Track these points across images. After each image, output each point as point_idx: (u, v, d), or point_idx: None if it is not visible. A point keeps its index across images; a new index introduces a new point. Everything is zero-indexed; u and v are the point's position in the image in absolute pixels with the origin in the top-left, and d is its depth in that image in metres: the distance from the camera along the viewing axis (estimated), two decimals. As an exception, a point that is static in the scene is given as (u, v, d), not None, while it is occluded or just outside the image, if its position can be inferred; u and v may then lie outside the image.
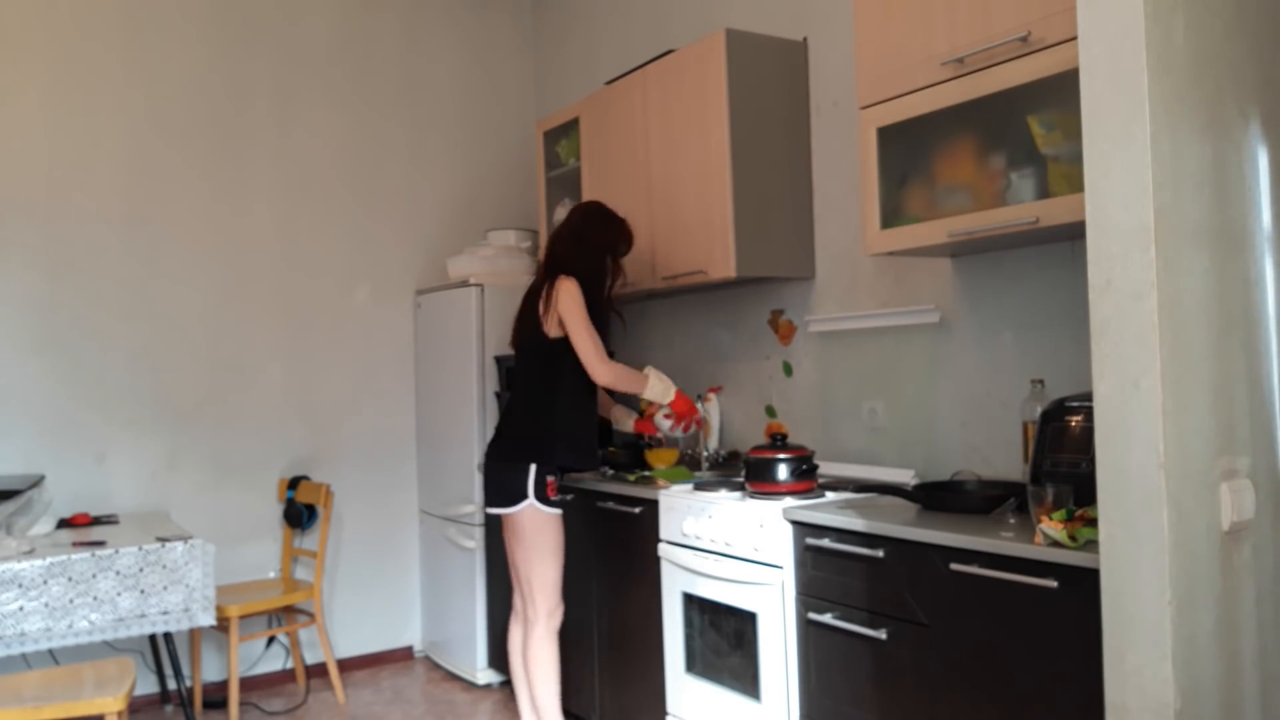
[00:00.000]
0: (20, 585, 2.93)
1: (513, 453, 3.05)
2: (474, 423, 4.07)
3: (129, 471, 4.00)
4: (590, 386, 3.13)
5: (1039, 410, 2.41)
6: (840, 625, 2.45)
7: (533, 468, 3.00)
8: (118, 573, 3.06)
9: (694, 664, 2.95)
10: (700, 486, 3.02)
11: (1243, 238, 1.80)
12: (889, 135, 2.63)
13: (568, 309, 3.01)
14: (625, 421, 3.42)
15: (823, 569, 2.51)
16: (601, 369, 3.04)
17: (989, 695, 2.10)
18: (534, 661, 3.11)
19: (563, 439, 3.07)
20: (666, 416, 3.28)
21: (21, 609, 2.93)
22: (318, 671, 4.33)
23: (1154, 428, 1.63)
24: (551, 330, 3.04)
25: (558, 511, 3.07)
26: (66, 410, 3.89)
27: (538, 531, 3.03)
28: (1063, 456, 2.28)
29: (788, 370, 3.49)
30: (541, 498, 3.02)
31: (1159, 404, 1.62)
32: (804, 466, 2.76)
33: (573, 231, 3.19)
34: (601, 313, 3.15)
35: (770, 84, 3.31)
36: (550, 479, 3.04)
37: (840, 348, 3.29)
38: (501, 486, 3.04)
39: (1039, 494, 2.07)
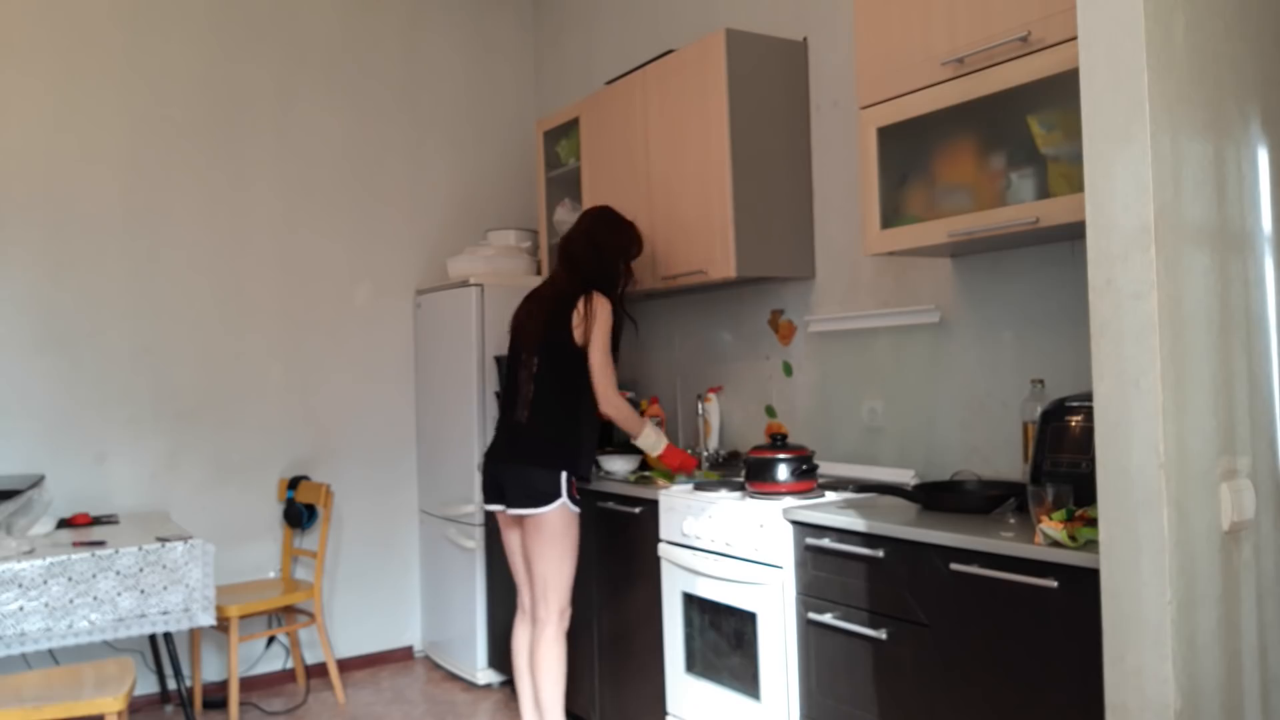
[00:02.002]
0: (20, 585, 2.93)
1: (543, 457, 3.06)
2: (474, 423, 4.07)
3: (129, 471, 4.00)
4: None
5: (1039, 410, 2.41)
6: (840, 625, 2.45)
7: (564, 473, 3.04)
8: (118, 573, 3.06)
9: (694, 664, 2.95)
10: (700, 486, 3.03)
11: (1243, 238, 1.81)
12: (889, 135, 2.63)
13: (599, 332, 3.06)
14: (657, 445, 3.27)
15: (823, 569, 2.51)
16: (612, 398, 3.11)
17: (989, 695, 2.10)
18: (543, 661, 3.12)
19: (587, 448, 3.14)
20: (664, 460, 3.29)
21: (21, 609, 2.93)
22: (318, 671, 4.32)
23: (1154, 428, 1.63)
24: (581, 340, 3.07)
25: (579, 510, 3.11)
26: (66, 410, 3.89)
27: (564, 530, 3.06)
28: (1063, 456, 2.27)
29: (788, 370, 3.49)
30: (570, 497, 3.05)
31: (1159, 404, 1.62)
32: (804, 466, 2.76)
33: (586, 236, 3.23)
34: (616, 319, 3.17)
35: (770, 84, 3.31)
36: (574, 479, 3.09)
37: (840, 348, 3.29)
38: (531, 487, 3.04)
39: (1039, 494, 2.07)
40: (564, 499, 3.03)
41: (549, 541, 3.05)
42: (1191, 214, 1.70)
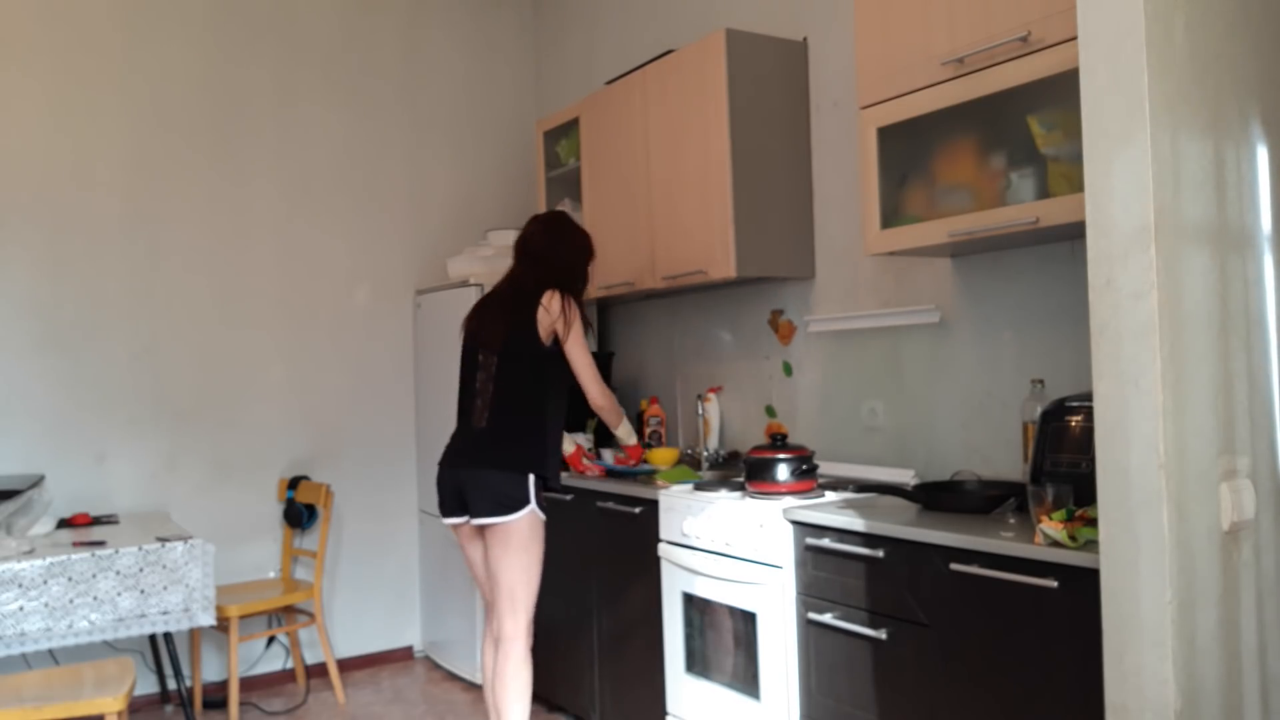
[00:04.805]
0: (20, 585, 2.93)
1: (508, 460, 2.93)
2: (474, 423, 4.06)
3: (129, 471, 4.00)
4: (565, 400, 3.10)
5: (1039, 410, 2.41)
6: (840, 625, 2.45)
7: (531, 477, 2.93)
8: (118, 573, 3.06)
9: (694, 664, 2.95)
10: (700, 486, 3.02)
11: (1243, 238, 1.81)
12: (889, 135, 2.63)
13: (575, 327, 2.99)
14: (628, 441, 3.40)
15: (823, 569, 2.51)
16: (598, 389, 3.07)
17: (989, 695, 2.10)
18: (511, 683, 2.93)
19: (553, 453, 3.02)
20: (619, 460, 3.48)
21: (21, 609, 2.93)
22: (318, 671, 4.32)
23: (1154, 428, 1.63)
24: (547, 339, 2.98)
25: (545, 517, 3.00)
26: (66, 410, 3.89)
27: (533, 538, 2.94)
28: (1063, 456, 2.28)
29: (788, 370, 3.49)
30: (538, 503, 2.95)
31: (1159, 404, 1.62)
32: (804, 466, 2.76)
33: (548, 234, 3.13)
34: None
35: (770, 84, 3.31)
36: (541, 484, 2.97)
37: (840, 348, 3.29)
38: (499, 493, 2.91)
39: (1039, 494, 2.07)
40: (532, 505, 2.91)
41: (516, 550, 2.92)
42: (1191, 214, 1.70)
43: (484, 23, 4.90)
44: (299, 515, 4.18)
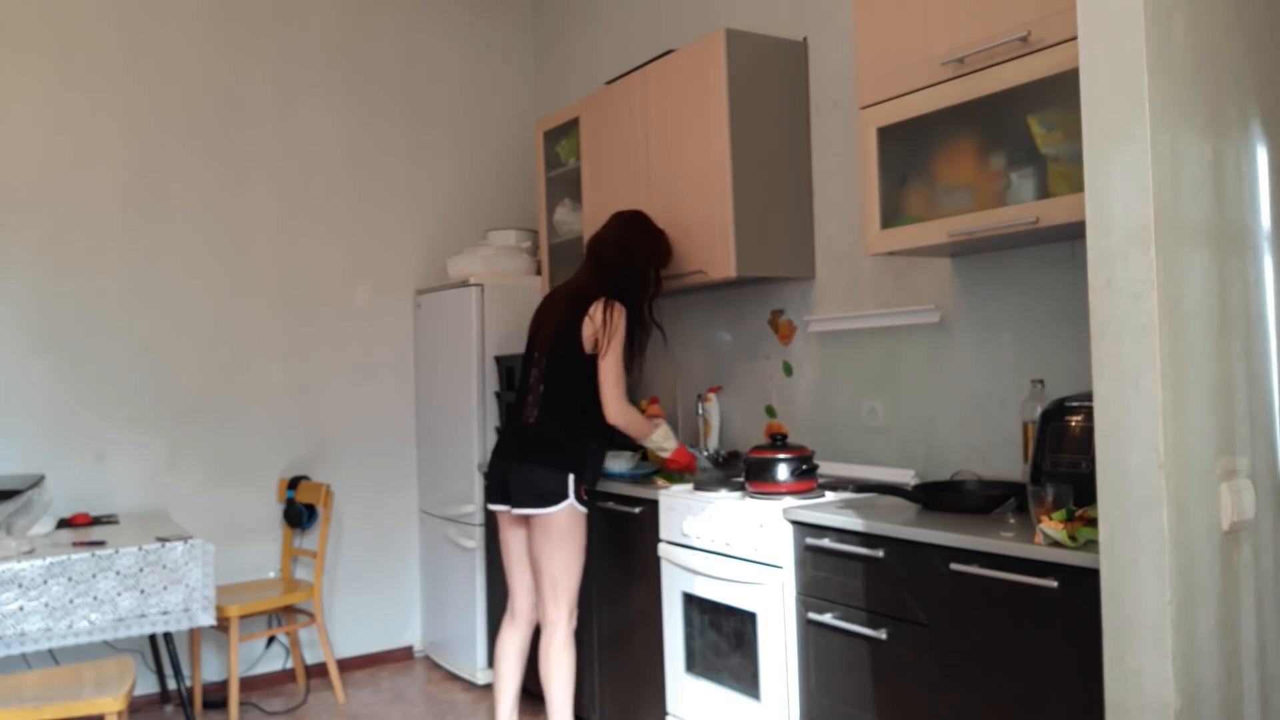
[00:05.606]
0: (20, 585, 2.93)
1: (550, 458, 3.04)
2: (474, 423, 4.07)
3: (129, 471, 4.00)
4: None
5: (1039, 410, 2.41)
6: (840, 625, 2.45)
7: (571, 476, 3.03)
8: (118, 573, 3.06)
9: (694, 664, 2.95)
10: (700, 486, 3.03)
11: (1243, 238, 1.81)
12: (889, 135, 2.63)
13: (614, 341, 3.05)
14: (666, 446, 3.27)
15: (823, 569, 2.51)
16: (617, 406, 3.08)
17: (989, 695, 2.10)
18: (556, 665, 3.09)
19: (594, 456, 3.14)
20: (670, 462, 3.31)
21: (21, 609, 2.93)
22: (318, 671, 4.33)
23: (1154, 428, 1.63)
24: (589, 347, 3.06)
25: (586, 510, 3.10)
26: (66, 410, 3.89)
27: (573, 530, 3.05)
28: (1063, 456, 2.28)
29: (788, 370, 3.49)
30: (578, 498, 3.05)
31: (1159, 404, 1.62)
32: (804, 466, 2.77)
33: (619, 241, 3.22)
34: (643, 325, 3.18)
35: (770, 84, 3.31)
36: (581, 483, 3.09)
37: (840, 348, 3.29)
38: (537, 488, 3.03)
39: (1039, 494, 2.07)
40: (571, 500, 3.03)
41: (558, 541, 3.04)
42: (1191, 213, 1.70)
43: (483, 23, 4.90)
44: (299, 515, 4.18)
